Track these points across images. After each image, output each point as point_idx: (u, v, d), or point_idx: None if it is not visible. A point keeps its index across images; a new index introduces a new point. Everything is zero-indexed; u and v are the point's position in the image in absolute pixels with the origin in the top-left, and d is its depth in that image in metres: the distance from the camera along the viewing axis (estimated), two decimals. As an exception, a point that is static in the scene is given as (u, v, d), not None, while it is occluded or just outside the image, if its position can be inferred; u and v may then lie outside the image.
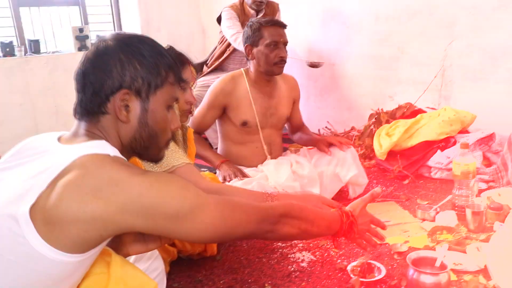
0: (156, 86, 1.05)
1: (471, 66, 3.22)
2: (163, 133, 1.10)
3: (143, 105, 1.04)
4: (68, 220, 0.88)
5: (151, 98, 1.05)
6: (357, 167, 2.51)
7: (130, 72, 1.02)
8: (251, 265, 1.94)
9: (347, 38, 3.90)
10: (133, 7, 4.55)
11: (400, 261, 1.89)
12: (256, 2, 3.51)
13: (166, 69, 1.07)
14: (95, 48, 1.05)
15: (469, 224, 2.10)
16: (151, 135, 1.07)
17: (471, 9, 3.15)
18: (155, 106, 1.06)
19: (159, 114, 1.07)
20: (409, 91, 3.57)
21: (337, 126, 4.05)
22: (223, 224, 1.04)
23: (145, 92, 1.04)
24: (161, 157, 1.13)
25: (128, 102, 1.03)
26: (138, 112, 1.04)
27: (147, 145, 1.08)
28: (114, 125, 1.04)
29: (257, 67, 2.45)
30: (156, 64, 1.05)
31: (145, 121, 1.05)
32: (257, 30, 2.38)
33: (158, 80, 1.05)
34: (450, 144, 2.86)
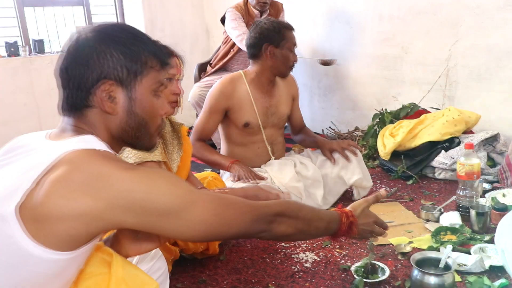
0: (139, 73, 1.02)
1: (476, 66, 3.21)
2: (153, 120, 1.07)
3: (128, 94, 1.02)
4: (56, 217, 0.86)
5: (136, 86, 1.02)
6: (362, 171, 2.50)
7: (110, 62, 0.99)
8: (254, 265, 1.94)
9: (351, 38, 3.89)
10: (137, 7, 4.56)
11: (404, 261, 1.88)
12: (260, 3, 3.50)
13: (148, 55, 1.04)
14: (74, 42, 1.02)
15: (474, 225, 2.09)
16: (140, 124, 1.05)
17: (475, 9, 3.14)
18: (141, 94, 1.03)
19: (146, 102, 1.04)
20: (413, 91, 3.56)
21: (341, 126, 4.04)
22: (216, 222, 1.01)
23: (128, 81, 1.01)
24: (153, 144, 1.11)
25: (112, 92, 1.00)
26: (124, 102, 1.02)
27: (138, 134, 1.06)
28: (101, 118, 1.02)
29: (269, 67, 2.43)
30: (137, 51, 1.02)
31: (132, 110, 1.03)
32: (279, 32, 2.38)
33: (140, 67, 1.02)
34: (454, 144, 2.85)
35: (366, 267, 1.78)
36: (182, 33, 4.86)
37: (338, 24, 3.96)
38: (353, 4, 3.81)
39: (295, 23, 3.88)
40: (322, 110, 4.27)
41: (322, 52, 4.10)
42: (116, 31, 1.03)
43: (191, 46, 4.96)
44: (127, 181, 0.90)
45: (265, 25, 2.39)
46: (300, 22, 4.16)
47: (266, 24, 2.40)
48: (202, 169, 3.22)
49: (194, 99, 3.54)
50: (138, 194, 0.90)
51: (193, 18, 4.95)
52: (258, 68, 2.45)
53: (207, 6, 4.99)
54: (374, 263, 1.80)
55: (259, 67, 2.45)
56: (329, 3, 3.99)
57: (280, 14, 3.73)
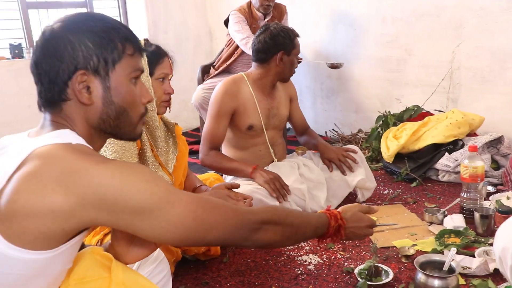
0: (113, 61, 0.98)
1: (479, 68, 3.21)
2: (133, 108, 1.03)
3: (104, 83, 0.98)
4: (26, 214, 0.83)
5: (111, 74, 0.98)
6: (365, 171, 2.50)
7: (83, 51, 0.95)
8: (258, 267, 1.94)
9: (354, 40, 3.89)
10: (140, 10, 4.57)
11: (407, 264, 1.88)
12: (263, 6, 3.51)
13: (122, 41, 1.00)
14: (43, 35, 0.98)
15: (478, 228, 2.08)
16: (120, 113, 1.01)
17: (479, 11, 3.13)
18: (118, 82, 0.99)
19: (124, 89, 1.00)
20: (416, 94, 3.55)
21: (344, 128, 4.04)
22: (195, 225, 0.95)
23: (103, 70, 0.97)
24: (138, 134, 1.07)
25: (87, 83, 0.96)
26: (100, 92, 0.98)
27: (118, 123, 1.02)
28: (79, 110, 0.98)
29: (276, 72, 2.43)
30: (109, 39, 0.98)
31: (110, 99, 0.99)
32: (293, 40, 2.41)
33: (114, 55, 0.98)
34: (458, 147, 2.84)
35: (369, 270, 1.78)
36: (185, 35, 4.87)
37: (341, 26, 3.96)
38: (356, 7, 3.81)
39: (298, 25, 3.89)
40: (325, 113, 4.27)
41: (325, 55, 4.10)
42: (84, 20, 0.99)
43: (194, 48, 4.97)
44: (99, 175, 0.86)
45: (281, 32, 2.38)
46: (303, 25, 4.16)
47: (281, 31, 2.38)
48: (205, 170, 3.21)
49: (198, 101, 3.54)
50: (109, 189, 0.86)
51: (196, 20, 4.96)
52: (263, 71, 2.44)
53: (210, 8, 5.00)
54: (377, 266, 1.80)
55: (264, 71, 2.43)
56: (332, 6, 3.99)
57: (283, 16, 3.73)
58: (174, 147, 1.95)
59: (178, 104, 4.80)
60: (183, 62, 4.82)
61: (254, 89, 2.44)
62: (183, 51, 4.87)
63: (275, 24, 2.45)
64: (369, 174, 2.54)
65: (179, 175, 1.94)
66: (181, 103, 4.81)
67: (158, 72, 1.79)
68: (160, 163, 1.83)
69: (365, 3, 3.75)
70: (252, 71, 2.48)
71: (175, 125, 1.98)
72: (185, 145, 2.02)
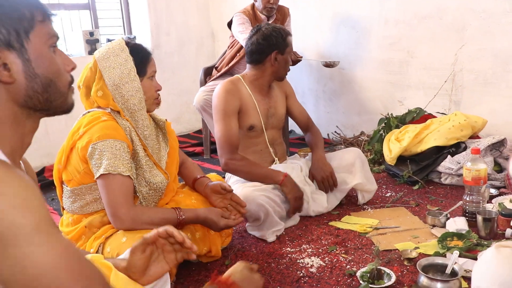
0: (25, 30, 0.89)
1: (482, 70, 3.20)
2: (59, 77, 0.95)
3: (22, 56, 0.89)
4: None
5: (27, 45, 0.89)
6: (365, 174, 2.49)
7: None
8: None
9: (356, 42, 3.89)
10: (143, 11, 4.58)
11: (410, 267, 1.87)
12: (267, 8, 3.51)
13: (30, 8, 0.90)
14: None
15: (480, 231, 2.08)
16: (47, 85, 0.92)
17: (481, 13, 3.13)
18: (37, 52, 0.90)
19: (45, 59, 0.92)
20: (419, 96, 3.55)
21: (346, 130, 4.04)
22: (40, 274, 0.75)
23: (17, 42, 0.88)
24: (70, 105, 0.99)
25: (2, 60, 0.86)
26: (20, 66, 0.88)
27: (47, 97, 0.93)
28: (1, 92, 0.88)
29: (272, 72, 2.44)
30: (14, 8, 0.88)
31: (33, 72, 0.90)
32: (285, 39, 2.42)
33: (24, 23, 0.89)
34: (460, 149, 2.83)
35: (372, 273, 1.77)
36: (187, 37, 4.88)
37: (343, 28, 3.96)
38: (359, 9, 3.81)
39: (300, 27, 3.89)
40: (327, 115, 4.27)
41: (327, 57, 4.10)
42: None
43: (197, 50, 4.98)
44: None
45: (273, 32, 2.39)
46: (305, 27, 4.17)
47: (273, 31, 2.39)
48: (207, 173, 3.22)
49: (200, 103, 3.54)
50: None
51: (199, 22, 4.97)
52: (258, 72, 2.45)
53: (213, 10, 5.01)
54: (380, 269, 1.79)
55: (260, 71, 2.45)
56: (335, 8, 3.99)
57: (286, 19, 3.74)
58: (165, 143, 1.97)
59: (180, 106, 4.81)
60: (186, 64, 4.84)
61: (252, 89, 2.45)
62: (186, 53, 4.87)
63: (266, 24, 2.47)
64: (369, 176, 2.54)
65: (173, 171, 1.96)
66: (183, 105, 4.81)
67: (150, 71, 1.82)
68: (155, 162, 1.84)
69: (368, 5, 3.75)
70: (248, 73, 2.49)
71: (165, 121, 1.99)
72: (175, 141, 2.03)
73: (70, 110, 0.99)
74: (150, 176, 1.79)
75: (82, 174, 1.72)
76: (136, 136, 1.77)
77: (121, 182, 1.66)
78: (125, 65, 1.74)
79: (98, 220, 1.77)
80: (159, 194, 1.85)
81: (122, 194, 1.66)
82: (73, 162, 1.72)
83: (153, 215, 1.71)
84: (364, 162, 2.53)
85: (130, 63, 1.75)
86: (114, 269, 0.98)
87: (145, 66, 1.80)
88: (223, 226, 1.85)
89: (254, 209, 2.16)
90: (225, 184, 2.03)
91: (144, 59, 1.80)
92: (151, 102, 1.84)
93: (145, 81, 1.80)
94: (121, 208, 1.65)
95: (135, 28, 4.71)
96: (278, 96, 2.58)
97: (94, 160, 1.66)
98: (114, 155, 1.65)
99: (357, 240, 2.15)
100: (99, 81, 1.74)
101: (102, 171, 1.64)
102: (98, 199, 1.76)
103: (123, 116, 1.76)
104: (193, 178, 2.07)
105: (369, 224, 2.30)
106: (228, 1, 4.80)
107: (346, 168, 2.50)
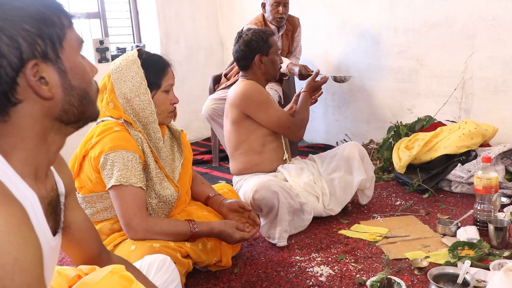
0: (59, 39, 0.82)
1: (492, 78, 3.18)
2: (90, 86, 0.89)
3: (58, 67, 0.82)
4: None
5: (62, 55, 0.82)
6: (366, 173, 2.51)
7: (24, 37, 0.78)
8: (269, 278, 1.93)
9: (366, 50, 3.88)
10: (153, 20, 4.62)
11: (420, 277, 1.85)
12: (276, 19, 3.52)
13: (57, 14, 0.83)
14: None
15: (492, 240, 2.05)
16: (82, 97, 0.87)
17: (491, 21, 3.12)
18: (71, 62, 0.85)
19: (79, 68, 0.86)
20: (428, 104, 3.54)
21: (355, 138, 4.03)
22: None
23: (52, 52, 0.81)
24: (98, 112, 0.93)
25: (40, 73, 0.79)
26: (57, 79, 0.82)
27: (82, 109, 0.87)
28: (35, 110, 0.81)
29: (261, 74, 2.51)
30: (44, 14, 0.81)
31: (69, 84, 0.84)
32: (267, 41, 2.47)
33: (57, 31, 0.82)
34: (471, 157, 2.81)
35: (382, 282, 1.75)
36: (196, 45, 4.90)
37: (353, 37, 3.96)
38: (368, 17, 3.81)
39: (309, 36, 3.90)
40: (336, 123, 4.26)
41: (336, 65, 4.10)
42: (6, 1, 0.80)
43: (206, 58, 5.00)
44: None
45: (252, 37, 2.47)
46: (314, 35, 4.17)
47: (253, 36, 2.47)
48: (216, 181, 3.22)
49: (208, 112, 3.55)
50: None
51: (208, 31, 5.00)
52: (253, 77, 2.51)
53: (222, 18, 5.03)
54: (390, 278, 1.77)
55: (253, 76, 2.51)
56: (344, 16, 3.99)
57: (297, 29, 3.75)
58: (179, 154, 1.95)
59: (189, 114, 4.82)
60: (195, 72, 4.86)
61: None
62: (195, 61, 4.90)
63: (246, 30, 2.54)
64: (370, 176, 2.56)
65: (185, 183, 1.94)
66: (192, 113, 4.83)
67: (165, 84, 1.77)
68: (166, 175, 1.83)
69: (377, 13, 3.75)
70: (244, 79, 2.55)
71: (181, 132, 1.97)
72: (190, 153, 2.01)
73: (96, 119, 0.94)
74: (160, 189, 1.78)
75: (94, 182, 1.72)
76: (147, 148, 1.75)
77: (134, 192, 1.66)
78: (135, 78, 1.71)
79: (107, 227, 1.77)
80: (168, 207, 1.83)
81: (135, 204, 1.65)
82: (85, 170, 1.72)
83: (165, 227, 1.70)
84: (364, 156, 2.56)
85: (141, 76, 1.71)
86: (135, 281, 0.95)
87: (159, 79, 1.75)
88: (239, 239, 1.82)
89: (269, 196, 2.16)
90: (243, 203, 2.01)
91: (159, 71, 1.76)
92: (165, 116, 1.81)
93: (159, 95, 1.76)
94: (134, 219, 1.65)
95: (144, 37, 4.74)
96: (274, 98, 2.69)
97: (106, 170, 1.66)
98: (125, 166, 1.65)
99: (366, 249, 2.13)
100: (110, 93, 1.73)
101: (114, 182, 1.64)
102: (108, 208, 1.76)
103: (135, 128, 1.74)
104: (205, 196, 2.05)
105: (378, 232, 2.29)
106: (237, 9, 4.82)
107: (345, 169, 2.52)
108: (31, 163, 0.84)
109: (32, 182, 0.84)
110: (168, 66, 1.80)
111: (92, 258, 1.18)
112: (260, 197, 2.17)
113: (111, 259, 1.25)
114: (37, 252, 0.73)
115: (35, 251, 0.73)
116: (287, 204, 2.20)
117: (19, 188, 0.79)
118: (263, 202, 2.18)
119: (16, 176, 0.80)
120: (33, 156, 0.84)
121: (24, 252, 0.70)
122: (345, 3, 3.95)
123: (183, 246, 1.72)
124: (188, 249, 1.73)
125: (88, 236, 1.16)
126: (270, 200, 2.17)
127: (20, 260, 0.69)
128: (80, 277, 1.07)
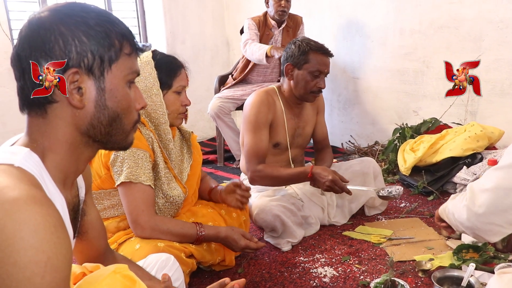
0: (110, 60, 0.87)
1: (499, 80, 3.17)
2: (127, 114, 0.92)
3: (98, 84, 0.86)
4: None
5: (107, 75, 0.87)
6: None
7: (76, 47, 0.83)
8: (272, 279, 1.93)
9: (371, 51, 3.88)
10: (159, 20, 4.62)
11: (424, 279, 1.85)
12: (278, 12, 3.53)
13: (120, 39, 0.88)
14: (29, 23, 0.85)
15: (497, 243, 2.03)
16: (113, 119, 0.90)
17: (499, 23, 3.10)
18: (113, 84, 0.88)
19: (120, 93, 0.89)
20: (434, 106, 3.52)
21: (361, 140, 4.02)
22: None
23: (98, 69, 0.86)
24: (129, 143, 0.96)
25: (79, 83, 0.84)
26: (93, 94, 0.86)
27: (109, 131, 0.90)
28: (66, 114, 0.86)
29: (291, 89, 2.33)
30: (106, 34, 0.86)
31: (103, 103, 0.87)
32: (304, 53, 2.24)
33: (111, 53, 0.87)
34: (476, 160, 2.80)
35: (385, 284, 1.75)
36: (203, 45, 4.91)
37: (358, 38, 3.95)
38: (374, 18, 3.81)
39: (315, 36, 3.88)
40: (341, 124, 4.25)
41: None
42: (78, 10, 0.87)
43: (212, 58, 5.00)
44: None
45: (293, 44, 2.29)
46: (320, 36, 4.16)
47: (296, 43, 2.28)
48: (221, 181, 3.22)
49: (214, 110, 3.56)
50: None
51: (214, 31, 5.00)
52: (287, 87, 2.35)
53: (228, 18, 5.04)
54: (394, 280, 1.77)
55: (286, 85, 2.36)
56: (350, 17, 3.99)
57: (299, 27, 3.75)
58: (188, 156, 1.95)
59: (195, 113, 4.83)
60: (200, 72, 4.86)
61: (284, 105, 2.37)
62: (200, 61, 4.90)
63: (303, 38, 2.34)
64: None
65: (192, 185, 1.94)
66: (198, 113, 4.83)
67: (176, 85, 1.77)
68: (174, 176, 1.83)
69: (383, 15, 3.74)
70: (282, 85, 2.41)
71: (191, 134, 1.98)
72: (200, 155, 2.02)
73: (128, 148, 0.97)
74: (168, 189, 1.78)
75: (102, 179, 1.73)
76: (158, 148, 1.76)
77: (143, 190, 1.67)
78: (148, 79, 1.71)
79: (113, 225, 1.78)
80: (175, 207, 1.83)
81: (144, 202, 1.66)
82: (95, 166, 1.74)
83: (172, 227, 1.70)
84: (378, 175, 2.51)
85: (154, 77, 1.71)
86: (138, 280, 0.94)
87: (171, 79, 1.75)
88: (244, 246, 1.82)
89: (270, 219, 2.17)
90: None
91: (171, 72, 1.75)
92: (175, 117, 1.80)
93: (169, 95, 1.76)
94: (142, 216, 1.65)
95: (150, 36, 4.75)
96: (309, 115, 2.49)
97: (116, 167, 1.67)
98: (136, 163, 1.65)
99: (371, 251, 2.13)
100: None
101: (123, 178, 1.64)
102: (115, 205, 1.77)
103: (147, 127, 1.75)
104: (208, 189, 2.06)
105: (383, 234, 2.28)
106: (243, 10, 4.82)
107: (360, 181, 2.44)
108: (61, 169, 0.88)
109: (61, 187, 0.88)
110: (181, 68, 1.80)
111: (97, 256, 1.18)
112: (261, 220, 2.21)
113: (115, 257, 1.26)
114: (68, 254, 0.75)
115: (67, 253, 0.74)
116: (291, 223, 2.20)
117: (52, 192, 0.83)
118: (265, 224, 2.21)
119: (50, 180, 0.84)
120: (64, 162, 0.88)
121: (57, 252, 0.72)
122: (351, 5, 3.95)
123: (188, 246, 1.72)
124: (193, 249, 1.73)
125: (98, 235, 1.17)
126: (271, 222, 2.18)
127: (52, 259, 0.71)
128: (84, 274, 1.07)
